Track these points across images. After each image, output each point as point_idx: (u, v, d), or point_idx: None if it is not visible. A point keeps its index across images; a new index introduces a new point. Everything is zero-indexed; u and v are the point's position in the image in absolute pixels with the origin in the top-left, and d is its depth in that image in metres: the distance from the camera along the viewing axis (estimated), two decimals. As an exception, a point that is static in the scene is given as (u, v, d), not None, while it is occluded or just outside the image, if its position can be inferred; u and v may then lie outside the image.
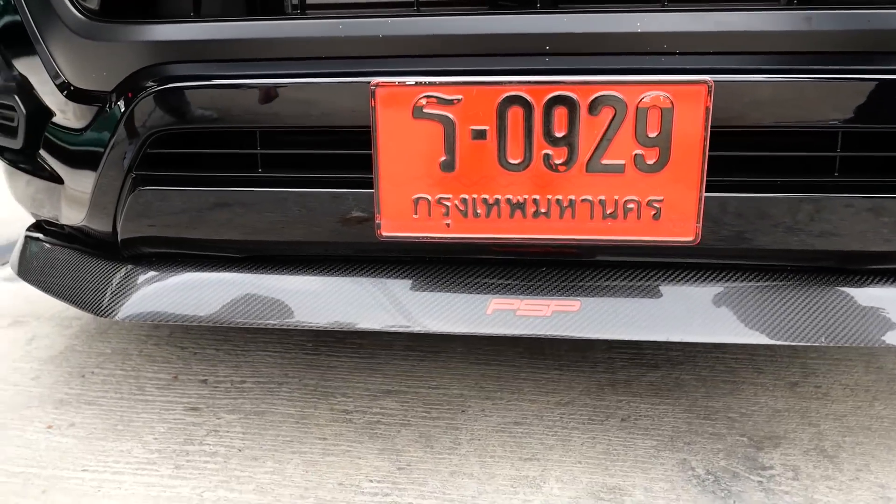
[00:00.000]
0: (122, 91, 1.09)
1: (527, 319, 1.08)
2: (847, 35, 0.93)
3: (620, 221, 0.97)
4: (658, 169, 0.94)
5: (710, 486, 1.23)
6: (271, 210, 1.08)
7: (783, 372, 1.61)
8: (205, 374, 1.63)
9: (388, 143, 0.97)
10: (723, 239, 1.02)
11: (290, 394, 1.54)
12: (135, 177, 1.10)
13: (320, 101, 1.01)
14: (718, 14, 0.95)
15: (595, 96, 0.93)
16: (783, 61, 0.95)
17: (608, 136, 0.94)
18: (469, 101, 0.94)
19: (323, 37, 0.99)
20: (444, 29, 0.98)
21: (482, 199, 0.98)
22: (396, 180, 0.99)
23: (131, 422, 1.45)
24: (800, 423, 1.41)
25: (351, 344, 1.76)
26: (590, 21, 0.96)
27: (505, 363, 1.66)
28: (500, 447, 1.34)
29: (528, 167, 0.96)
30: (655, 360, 1.66)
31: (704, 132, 0.93)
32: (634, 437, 1.37)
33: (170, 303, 1.14)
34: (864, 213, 1.00)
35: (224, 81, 1.02)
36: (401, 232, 1.01)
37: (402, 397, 1.52)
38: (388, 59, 0.99)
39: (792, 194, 0.99)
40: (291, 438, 1.38)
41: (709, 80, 0.92)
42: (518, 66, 0.96)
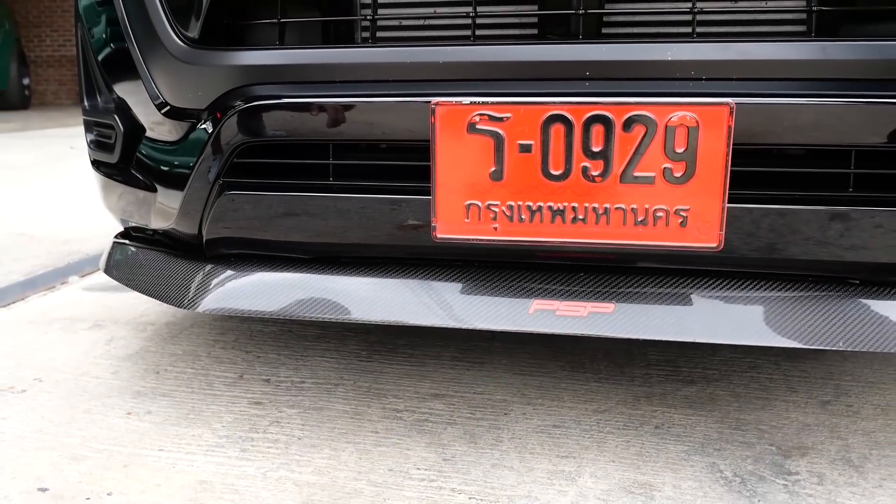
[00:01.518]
0: (214, 108, 1.25)
1: (565, 319, 1.18)
2: (855, 64, 1.04)
3: (650, 228, 1.08)
4: (685, 181, 1.06)
5: (736, 487, 1.30)
6: (339, 215, 1.22)
7: (816, 391, 1.67)
8: (267, 375, 1.76)
9: (444, 155, 1.11)
10: (744, 246, 1.12)
11: (346, 394, 1.66)
12: (222, 183, 1.25)
13: (386, 118, 1.15)
14: (740, 45, 1.06)
15: (628, 115, 1.05)
16: (798, 87, 1.05)
17: (640, 151, 1.05)
18: (517, 118, 1.07)
19: (390, 62, 1.14)
20: (496, 56, 1.12)
21: (526, 206, 1.10)
22: (451, 188, 1.12)
23: (201, 412, 1.59)
24: (828, 437, 1.47)
25: (402, 353, 1.88)
26: (625, 50, 1.09)
27: (546, 374, 1.75)
28: (538, 446, 1.44)
29: (568, 178, 1.08)
30: (692, 376, 1.74)
31: (727, 149, 1.04)
32: (667, 442, 1.45)
33: (245, 297, 1.28)
34: (874, 227, 1.09)
35: (303, 101, 1.17)
36: (453, 234, 1.14)
37: (448, 400, 1.63)
38: (447, 82, 1.13)
39: (808, 207, 1.09)
40: (346, 431, 1.50)
41: (731, 103, 1.03)
42: (560, 89, 1.09)
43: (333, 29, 1.36)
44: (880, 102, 1.04)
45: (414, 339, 1.96)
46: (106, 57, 1.48)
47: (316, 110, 1.18)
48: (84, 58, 1.54)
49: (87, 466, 1.37)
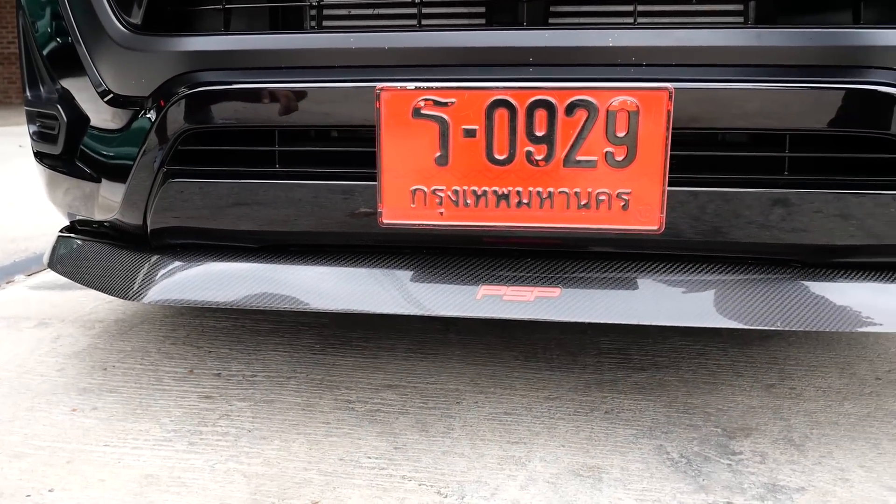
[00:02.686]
0: (158, 96, 1.23)
1: (512, 304, 1.20)
2: (790, 50, 1.07)
3: (593, 211, 1.10)
4: (626, 165, 1.07)
5: (682, 467, 1.33)
6: (286, 203, 1.21)
7: (761, 375, 1.71)
8: (218, 369, 1.75)
9: (389, 141, 1.11)
10: (685, 229, 1.14)
11: (298, 386, 1.65)
12: (166, 171, 1.24)
13: (332, 103, 1.15)
14: (678, 31, 1.09)
15: (571, 100, 1.06)
16: (735, 72, 1.08)
17: (582, 136, 1.07)
18: (461, 103, 1.08)
19: (335, 48, 1.14)
20: (441, 42, 1.13)
21: (472, 191, 1.11)
22: (396, 173, 1.12)
23: (149, 407, 1.56)
24: (772, 418, 1.51)
25: (356, 346, 1.87)
26: (567, 36, 1.10)
27: (500, 364, 1.76)
28: (489, 432, 1.45)
29: (513, 162, 1.09)
30: (642, 363, 1.77)
31: (666, 132, 1.06)
32: (616, 426, 1.47)
33: (192, 288, 1.27)
34: (812, 210, 1.12)
35: (248, 87, 1.16)
36: (399, 220, 1.14)
37: (401, 390, 1.63)
38: (392, 68, 1.13)
39: (747, 190, 1.12)
40: (297, 422, 1.49)
41: (670, 87, 1.05)
42: (504, 74, 1.10)
43: (282, 16, 1.35)
44: (813, 88, 1.08)
45: (368, 332, 1.96)
46: (47, 45, 1.45)
47: (261, 96, 1.17)
48: (26, 46, 1.51)
49: (28, 464, 1.34)
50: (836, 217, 1.14)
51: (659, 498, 1.23)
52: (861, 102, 1.08)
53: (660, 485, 1.27)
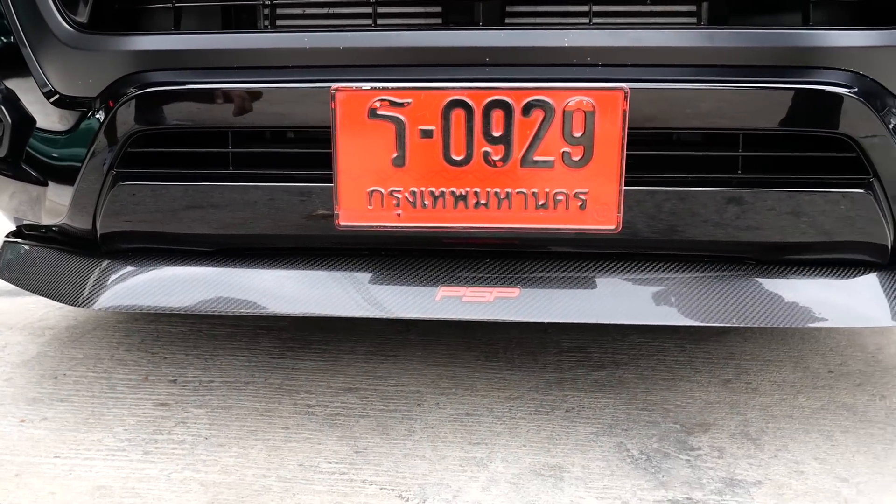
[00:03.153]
0: (106, 96, 1.20)
1: (471, 305, 1.19)
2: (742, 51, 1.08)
3: (551, 211, 1.10)
4: (583, 165, 1.08)
5: (642, 464, 1.34)
6: (240, 205, 1.19)
7: (718, 371, 1.73)
8: (174, 376, 1.71)
9: (345, 142, 1.09)
10: (642, 228, 1.15)
11: (256, 391, 1.62)
12: (115, 174, 1.21)
13: (286, 104, 1.13)
14: (633, 32, 1.09)
15: (527, 101, 1.06)
16: (689, 72, 1.09)
17: (539, 136, 1.07)
18: (418, 104, 1.07)
19: (289, 48, 1.12)
20: (397, 42, 1.12)
21: (429, 192, 1.10)
22: (353, 175, 1.11)
23: (102, 416, 1.52)
24: (729, 413, 1.53)
25: (315, 349, 1.85)
26: (523, 37, 1.10)
27: (461, 365, 1.76)
28: (451, 434, 1.44)
29: (470, 163, 1.09)
30: (602, 361, 1.78)
31: (622, 132, 1.06)
32: (577, 425, 1.48)
33: (144, 293, 1.24)
34: (762, 208, 1.14)
35: (200, 87, 1.14)
36: (357, 222, 1.13)
37: (362, 393, 1.61)
38: (348, 68, 1.12)
39: (702, 189, 1.13)
40: (256, 428, 1.46)
41: (625, 87, 1.05)
42: (461, 75, 1.09)
43: (235, 16, 1.33)
44: (764, 88, 1.09)
45: (328, 335, 1.94)
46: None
47: (213, 97, 1.15)
48: None
49: (-25, 477, 1.29)
50: (788, 215, 1.16)
51: (619, 495, 1.24)
52: (810, 102, 1.10)
53: (620, 482, 1.28)
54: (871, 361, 1.78)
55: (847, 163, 1.13)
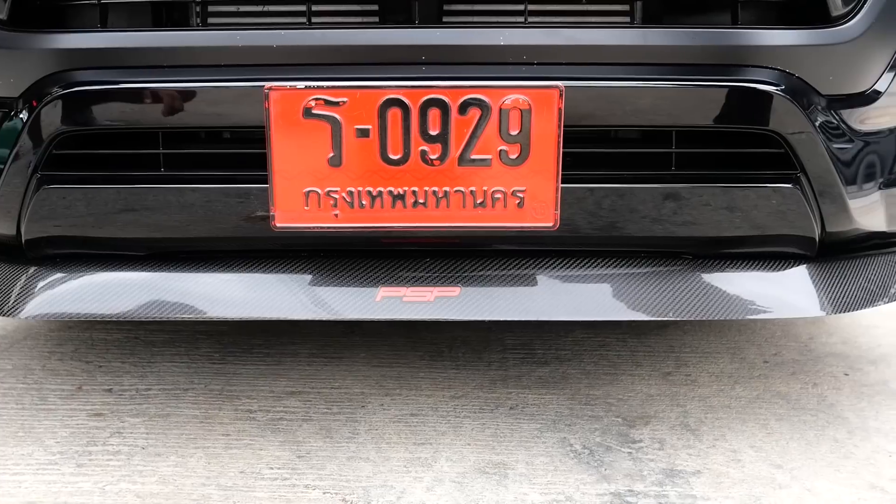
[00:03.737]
0: (29, 96, 1.15)
1: (412, 305, 1.18)
2: (674, 49, 1.10)
3: (489, 210, 1.10)
4: (520, 162, 1.08)
5: (585, 458, 1.35)
6: (173, 208, 1.15)
7: (659, 364, 1.76)
8: (110, 384, 1.66)
9: (280, 142, 1.08)
10: (579, 225, 1.16)
11: (196, 398, 1.59)
12: (40, 177, 1.16)
13: (219, 104, 1.10)
14: (568, 30, 1.10)
15: (464, 99, 1.06)
16: (623, 70, 1.11)
17: (476, 134, 1.07)
18: (353, 103, 1.06)
19: (222, 46, 1.09)
20: (332, 40, 1.10)
21: (367, 192, 1.09)
22: (289, 175, 1.09)
23: (32, 429, 1.46)
24: (669, 405, 1.56)
25: (257, 353, 1.82)
26: (460, 34, 1.10)
27: (405, 365, 1.75)
28: (395, 435, 1.43)
29: (407, 162, 1.08)
30: (546, 357, 1.79)
31: (558, 130, 1.07)
32: (521, 422, 1.48)
33: (75, 300, 1.19)
34: (697, 203, 1.16)
35: (129, 87, 1.10)
36: (293, 223, 1.11)
37: (305, 397, 1.59)
38: (282, 67, 1.10)
39: (637, 185, 1.15)
40: (195, 436, 1.43)
41: (560, 86, 1.06)
42: (397, 73, 1.09)
43: (166, 14, 1.29)
44: (697, 86, 1.11)
45: (270, 339, 1.91)
46: None
47: (143, 97, 1.11)
48: None
49: None
50: (723, 210, 1.18)
51: (563, 490, 1.25)
52: (740, 100, 1.12)
53: (564, 477, 1.29)
54: (804, 350, 1.84)
55: (776, 158, 1.16)
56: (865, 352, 1.84)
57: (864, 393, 1.62)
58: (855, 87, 1.20)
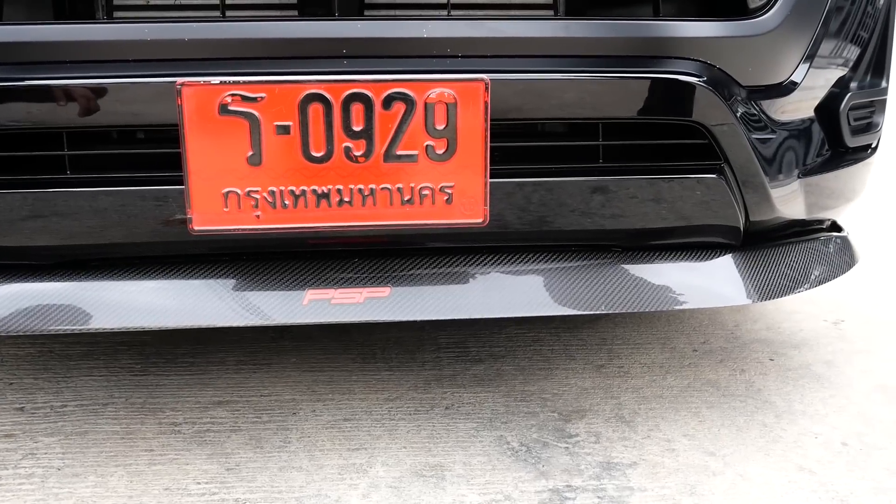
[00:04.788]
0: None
1: (341, 307, 1.15)
2: (598, 41, 1.10)
3: (417, 207, 1.07)
4: (447, 158, 1.06)
5: (522, 456, 1.34)
6: (83, 212, 1.08)
7: (591, 357, 1.77)
8: (21, 402, 1.56)
9: (195, 140, 1.02)
10: (510, 221, 1.14)
11: (116, 413, 1.51)
12: (-68, 184, 1.07)
13: (128, 101, 1.04)
14: (491, 22, 1.08)
15: (387, 93, 1.03)
16: (549, 63, 1.09)
17: (401, 129, 1.04)
18: (272, 98, 1.01)
19: (129, 40, 1.03)
20: (248, 33, 1.05)
21: (289, 191, 1.05)
22: (206, 175, 1.03)
23: (-65, 454, 1.36)
24: (603, 398, 1.56)
25: (181, 363, 1.74)
26: (382, 27, 1.07)
27: (337, 369, 1.71)
28: (329, 441, 1.39)
29: (331, 159, 1.04)
30: (480, 355, 1.78)
31: (485, 124, 1.05)
32: (456, 421, 1.46)
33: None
34: (624, 196, 1.16)
35: (30, 83, 1.03)
36: (212, 226, 1.05)
37: (233, 406, 1.53)
38: (195, 62, 1.05)
39: (566, 179, 1.14)
40: (116, 453, 1.36)
41: (486, 79, 1.04)
42: (318, 67, 1.05)
43: (69, 6, 1.21)
44: (621, 77, 1.11)
45: (195, 347, 1.83)
46: None
47: (46, 94, 1.04)
48: None
49: None
50: (650, 201, 1.19)
51: (501, 490, 1.24)
52: (663, 91, 1.13)
53: (502, 476, 1.27)
54: (731, 338, 1.88)
55: (700, 149, 1.17)
56: (788, 336, 1.90)
57: (789, 377, 1.66)
58: (773, 77, 1.22)
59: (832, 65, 1.35)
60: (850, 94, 1.40)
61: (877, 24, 1.44)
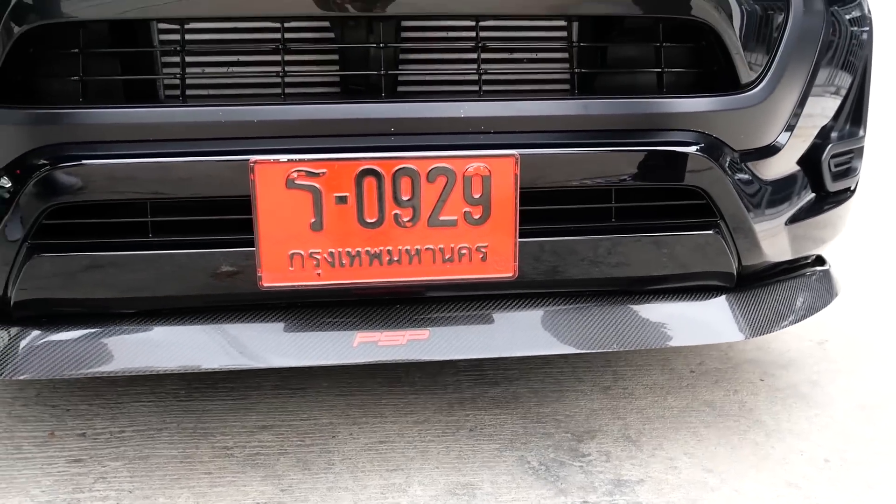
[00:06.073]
0: (13, 167, 1.21)
1: (387, 348, 1.31)
2: (611, 118, 1.27)
3: (456, 264, 1.24)
4: (482, 222, 1.22)
5: (542, 474, 1.51)
6: (162, 270, 1.24)
7: (598, 379, 1.94)
8: (82, 428, 1.71)
9: (266, 209, 1.18)
10: (535, 273, 1.31)
11: (171, 437, 1.66)
12: (30, 246, 1.22)
13: (205, 175, 1.20)
14: (520, 102, 1.25)
15: (431, 168, 1.19)
16: (568, 136, 1.26)
17: (443, 198, 1.20)
18: (332, 173, 1.18)
19: (206, 121, 1.19)
20: (310, 115, 1.21)
21: (346, 252, 1.21)
22: (274, 239, 1.19)
23: (14, 479, 1.51)
24: (611, 419, 1.73)
25: (222, 388, 1.90)
26: (424, 108, 1.23)
27: (367, 392, 1.87)
28: (368, 463, 1.55)
29: (382, 224, 1.21)
30: (496, 377, 1.94)
31: (515, 193, 1.22)
32: (481, 442, 1.63)
33: (67, 360, 1.26)
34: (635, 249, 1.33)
35: (117, 161, 1.18)
36: (279, 282, 1.22)
37: (277, 430, 1.69)
38: (263, 139, 1.21)
39: (582, 237, 1.31)
40: (178, 476, 1.51)
41: (516, 154, 1.21)
42: (371, 144, 1.21)
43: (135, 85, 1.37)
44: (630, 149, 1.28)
45: (232, 373, 1.98)
46: None
47: (129, 170, 1.19)
48: None
49: None
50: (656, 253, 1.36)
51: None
52: (668, 160, 1.29)
53: (526, 493, 1.44)
54: (725, 359, 2.05)
55: (699, 208, 1.34)
56: (777, 357, 2.07)
57: (778, 397, 1.84)
58: (762, 141, 1.39)
59: (814, 123, 1.52)
60: (831, 146, 1.57)
61: (854, 80, 1.62)
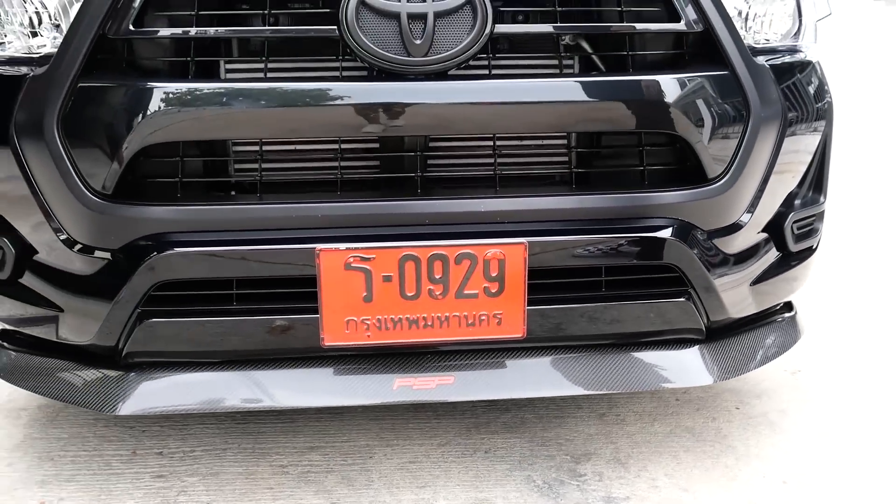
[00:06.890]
0: (127, 250, 1.54)
1: (420, 391, 1.63)
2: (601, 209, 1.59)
3: (477, 327, 1.56)
4: (498, 294, 1.54)
5: (546, 491, 1.82)
6: (247, 331, 1.57)
7: (595, 406, 2.25)
8: (159, 448, 2.03)
9: (328, 286, 1.50)
10: (541, 331, 1.63)
11: (235, 456, 1.98)
12: (140, 311, 1.55)
13: (279, 258, 1.53)
14: (528, 198, 1.57)
15: (458, 253, 1.52)
16: (570, 225, 1.58)
17: (467, 277, 1.53)
18: (380, 258, 1.50)
19: (281, 216, 1.52)
20: (360, 210, 1.54)
21: (390, 318, 1.53)
22: (334, 308, 1.52)
23: (111, 492, 1.84)
24: (604, 443, 2.04)
25: (271, 413, 2.22)
26: (452, 204, 1.56)
27: (396, 417, 2.18)
28: (401, 480, 1.87)
29: (419, 297, 1.53)
30: (506, 404, 2.25)
31: (524, 271, 1.54)
32: (494, 463, 1.95)
33: (166, 398, 1.59)
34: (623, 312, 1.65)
35: (211, 248, 1.51)
36: (337, 342, 1.54)
37: (322, 451, 2.01)
38: (322, 230, 1.53)
39: (580, 305, 1.63)
40: (245, 490, 1.83)
41: (525, 242, 1.53)
42: (410, 232, 1.53)
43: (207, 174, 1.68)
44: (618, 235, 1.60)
45: (281, 398, 2.30)
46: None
47: (219, 255, 1.52)
48: None
49: (27, 557, 1.59)
50: (639, 315, 1.67)
51: (532, 518, 1.72)
52: (648, 243, 1.61)
53: (531, 508, 1.75)
54: (707, 388, 2.35)
55: (673, 279, 1.66)
56: (753, 386, 2.37)
57: (750, 424, 2.14)
58: (725, 222, 1.70)
59: (774, 201, 1.83)
60: (793, 213, 1.87)
61: (815, 157, 1.92)
